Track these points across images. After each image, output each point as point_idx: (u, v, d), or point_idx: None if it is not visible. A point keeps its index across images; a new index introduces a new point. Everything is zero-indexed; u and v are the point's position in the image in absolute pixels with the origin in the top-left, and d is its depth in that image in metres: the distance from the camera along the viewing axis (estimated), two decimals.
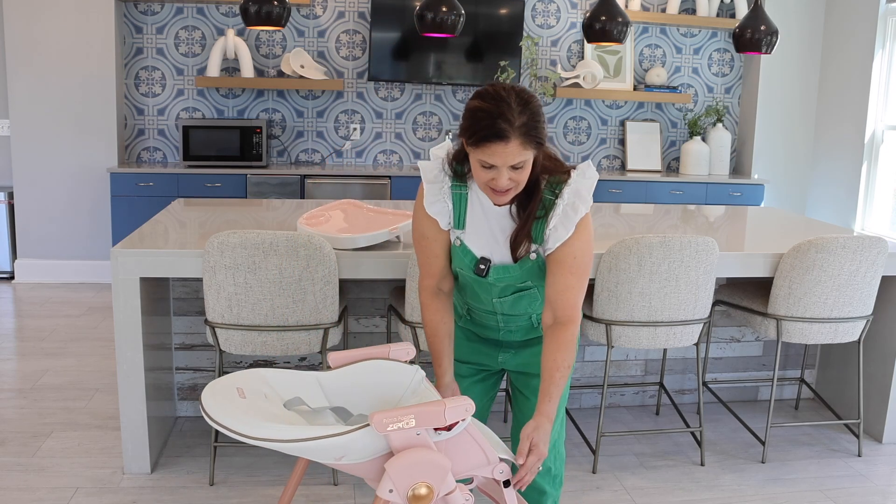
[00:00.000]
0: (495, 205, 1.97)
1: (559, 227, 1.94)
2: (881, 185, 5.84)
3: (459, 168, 2.01)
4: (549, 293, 1.97)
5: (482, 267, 2.02)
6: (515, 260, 2.00)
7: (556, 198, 1.95)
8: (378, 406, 1.95)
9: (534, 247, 1.99)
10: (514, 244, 1.99)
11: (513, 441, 2.27)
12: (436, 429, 1.67)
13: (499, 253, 2.02)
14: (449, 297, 2.15)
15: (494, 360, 2.24)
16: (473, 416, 2.24)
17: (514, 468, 1.93)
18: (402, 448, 1.65)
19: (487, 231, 2.02)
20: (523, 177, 1.87)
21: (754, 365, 3.91)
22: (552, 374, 1.91)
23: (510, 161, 1.82)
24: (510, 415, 3.63)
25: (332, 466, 1.73)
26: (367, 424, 1.61)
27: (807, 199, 6.56)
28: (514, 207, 1.99)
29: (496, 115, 1.80)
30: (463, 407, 1.65)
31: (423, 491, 1.65)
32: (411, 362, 2.03)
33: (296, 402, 1.84)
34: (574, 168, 1.98)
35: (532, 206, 1.96)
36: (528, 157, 1.84)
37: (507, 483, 1.82)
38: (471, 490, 1.81)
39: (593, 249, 2.00)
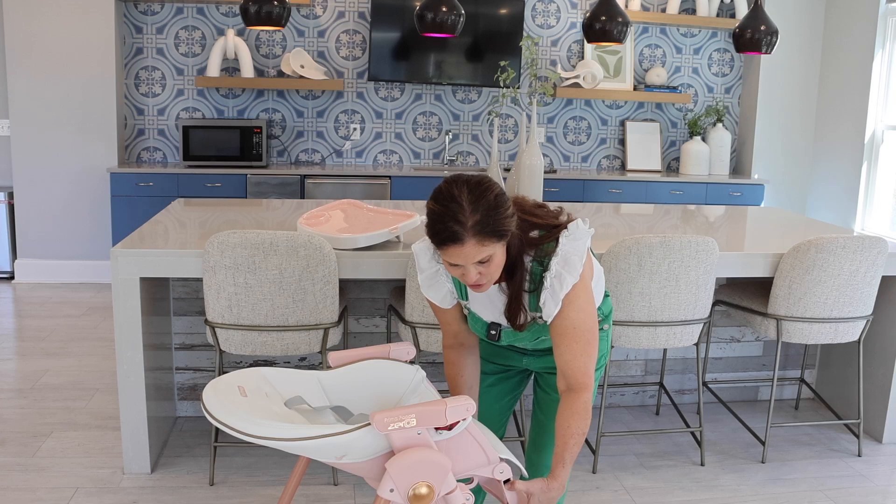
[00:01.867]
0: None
1: (548, 303, 1.91)
2: (881, 185, 5.84)
3: None
4: (558, 362, 1.94)
5: (493, 332, 2.05)
6: (518, 329, 2.00)
7: (545, 270, 1.91)
8: (378, 406, 1.95)
9: (537, 314, 1.98)
10: (509, 317, 1.98)
11: (529, 442, 2.28)
12: (437, 428, 1.68)
13: (505, 321, 2.03)
14: (472, 349, 2.17)
15: (519, 363, 2.26)
16: (496, 412, 2.25)
17: (521, 476, 1.94)
18: (403, 447, 1.65)
19: (489, 303, 2.03)
20: (493, 268, 1.84)
21: (754, 365, 3.91)
22: (566, 441, 1.88)
23: (471, 260, 1.79)
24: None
25: (333, 465, 1.73)
26: (369, 424, 1.61)
27: (807, 199, 6.56)
28: (503, 284, 1.98)
29: (447, 218, 1.76)
30: (464, 406, 1.65)
31: (423, 490, 1.65)
32: (411, 362, 2.03)
33: (297, 401, 1.84)
34: (565, 227, 1.93)
35: (516, 284, 1.93)
36: (490, 251, 1.80)
37: (507, 481, 1.83)
38: (472, 490, 1.81)
39: (594, 312, 1.95)
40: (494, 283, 1.97)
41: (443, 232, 1.77)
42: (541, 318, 1.97)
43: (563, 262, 1.89)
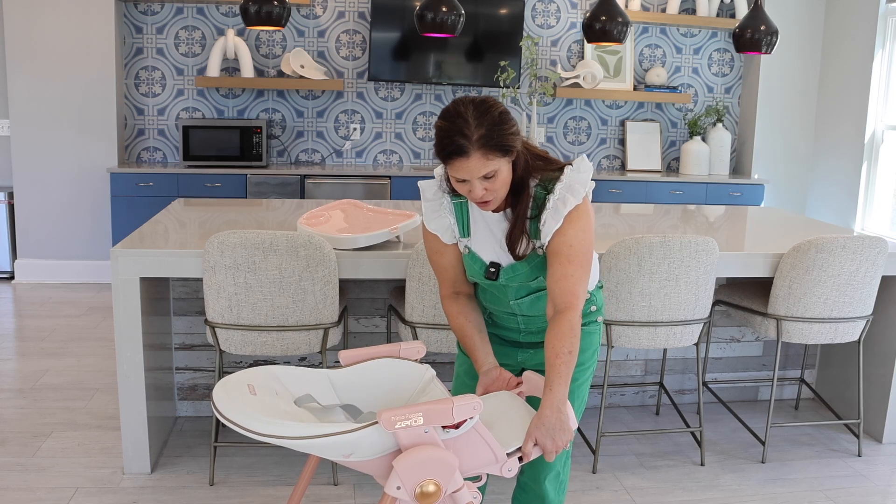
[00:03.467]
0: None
1: (549, 221, 1.96)
2: (881, 185, 5.84)
3: None
4: (549, 283, 1.97)
5: (492, 270, 2.06)
6: (517, 258, 2.02)
7: (549, 193, 1.98)
8: (388, 404, 1.96)
9: (538, 243, 2.01)
10: (510, 243, 2.02)
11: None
12: (444, 427, 1.68)
13: (505, 256, 2.05)
14: (469, 298, 2.18)
15: (514, 360, 2.25)
16: None
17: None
18: (411, 445, 1.66)
19: (491, 237, 2.06)
20: (498, 184, 1.91)
21: (754, 365, 3.91)
22: (553, 362, 1.87)
23: (476, 173, 1.86)
24: None
25: (341, 463, 1.74)
26: (376, 422, 1.62)
27: (807, 199, 6.56)
28: (508, 210, 2.03)
29: (454, 132, 1.85)
30: (471, 405, 1.66)
31: (430, 488, 1.66)
32: (421, 361, 2.04)
33: (306, 400, 1.85)
34: (570, 164, 2.01)
35: (521, 206, 1.99)
36: (495, 166, 1.87)
37: (521, 458, 1.82)
38: (479, 488, 1.82)
39: (592, 240, 2.00)
40: (499, 211, 2.02)
41: (449, 146, 1.85)
42: (541, 248, 2.00)
43: (566, 188, 1.97)
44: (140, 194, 5.48)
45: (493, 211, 2.03)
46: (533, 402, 2.10)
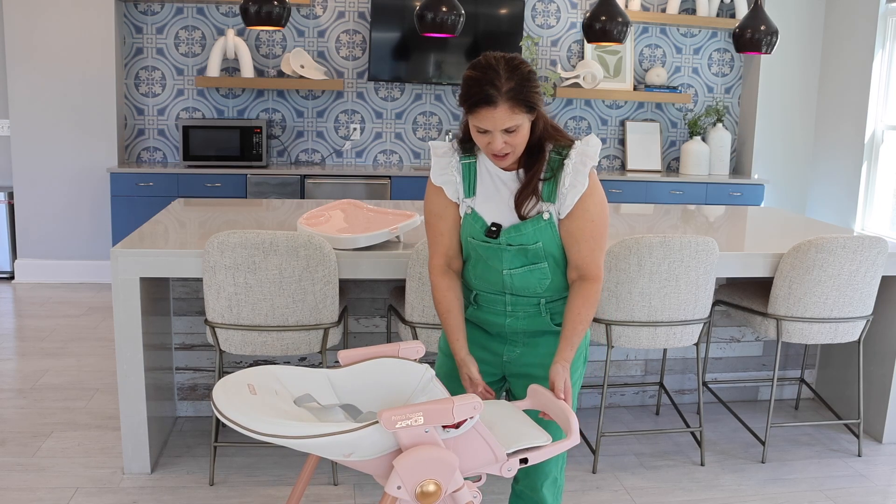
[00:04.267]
0: (503, 169, 2.08)
1: (575, 182, 2.03)
2: (881, 185, 5.85)
3: (467, 144, 2.12)
4: (574, 256, 2.07)
5: (493, 229, 2.08)
6: (522, 217, 2.06)
7: (564, 158, 2.05)
8: (388, 404, 1.96)
9: (545, 206, 2.05)
10: (518, 200, 2.06)
11: None
12: (444, 426, 1.68)
13: (510, 217, 2.08)
14: (458, 275, 2.21)
15: (499, 360, 2.21)
16: None
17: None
18: (411, 445, 1.66)
19: (497, 196, 2.09)
20: (518, 140, 1.97)
21: (754, 365, 3.91)
22: (576, 325, 2.02)
23: (500, 125, 1.93)
24: None
25: (341, 463, 1.74)
26: (376, 422, 1.62)
27: (807, 199, 6.56)
28: (521, 171, 2.08)
29: (484, 83, 1.91)
30: (471, 405, 1.66)
31: (431, 488, 1.66)
32: (420, 361, 2.04)
33: (306, 399, 1.85)
34: (579, 139, 2.09)
35: (537, 165, 2.05)
36: (519, 121, 1.94)
37: (524, 461, 1.82)
38: (479, 488, 1.82)
39: (607, 211, 2.09)
40: (511, 170, 2.08)
41: (478, 94, 1.91)
42: (548, 213, 2.05)
43: (581, 154, 2.05)
44: (140, 194, 5.48)
45: (506, 169, 2.08)
46: (533, 414, 2.10)
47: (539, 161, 2.05)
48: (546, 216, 2.05)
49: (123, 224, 5.48)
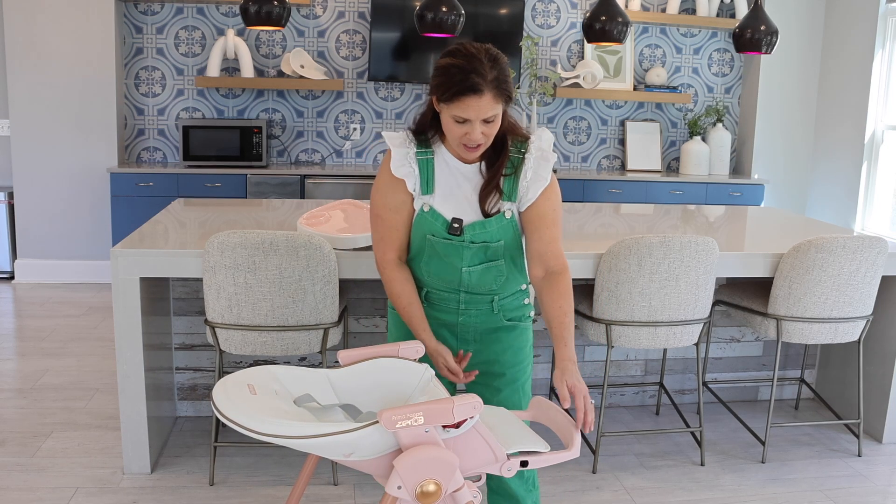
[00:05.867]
0: (465, 162, 2.06)
1: (538, 178, 2.04)
2: (881, 185, 5.85)
3: (422, 136, 2.08)
4: (537, 247, 2.05)
5: (455, 226, 2.05)
6: (486, 215, 2.05)
7: (524, 154, 2.05)
8: (387, 403, 1.96)
9: (507, 204, 2.05)
10: (483, 196, 2.05)
11: None
12: (444, 426, 1.68)
13: (471, 213, 2.06)
14: (408, 267, 2.19)
15: (451, 347, 2.20)
16: None
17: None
18: (411, 445, 1.66)
19: (458, 191, 2.07)
20: (493, 130, 1.97)
21: (754, 365, 3.91)
22: (562, 320, 1.98)
23: (483, 114, 1.91)
24: None
25: (341, 463, 1.74)
26: (376, 421, 1.62)
27: (807, 199, 6.56)
28: (482, 165, 2.07)
29: (469, 70, 1.89)
30: (471, 405, 1.66)
31: (431, 488, 1.66)
32: (420, 360, 2.04)
33: (306, 399, 1.85)
34: (531, 133, 2.11)
35: (501, 160, 2.05)
36: (499, 110, 1.94)
37: (524, 463, 1.82)
38: (479, 488, 1.82)
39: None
40: (473, 164, 2.07)
41: (464, 82, 1.88)
42: (509, 210, 2.06)
43: (539, 150, 2.07)
44: (140, 194, 5.48)
45: (467, 163, 2.06)
46: (535, 426, 2.10)
47: (502, 156, 2.05)
48: (508, 214, 2.06)
49: (123, 224, 5.48)
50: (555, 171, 2.14)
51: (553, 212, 2.05)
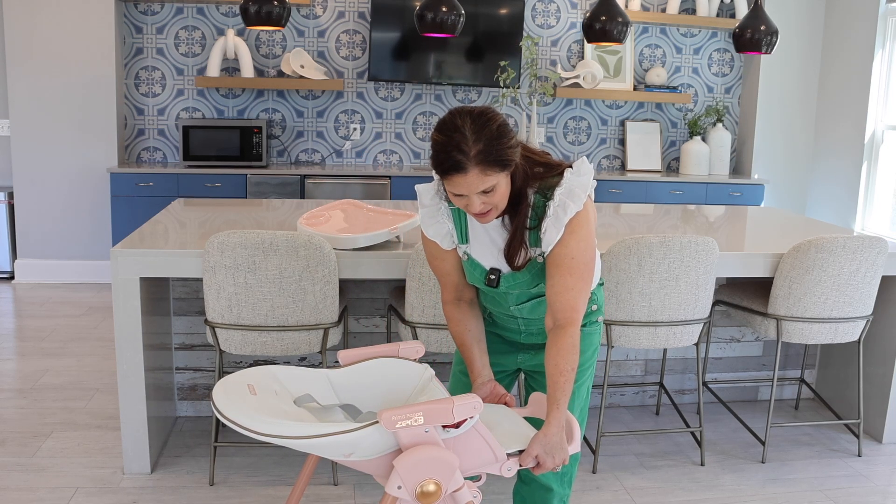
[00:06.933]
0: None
1: (549, 230, 1.92)
2: (881, 185, 5.85)
3: None
4: (549, 295, 1.94)
5: (492, 277, 2.03)
6: (516, 269, 1.99)
7: (548, 200, 1.92)
8: (387, 403, 1.96)
9: (538, 251, 1.97)
10: (508, 255, 1.98)
11: None
12: (444, 426, 1.68)
13: (505, 264, 2.02)
14: (472, 304, 2.16)
15: (513, 361, 2.24)
16: None
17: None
18: (411, 445, 1.66)
19: (490, 243, 2.02)
20: (498, 198, 1.85)
21: (754, 365, 3.91)
22: (556, 379, 1.86)
23: (474, 189, 1.81)
24: None
25: (341, 463, 1.74)
26: (376, 422, 1.62)
27: (807, 199, 6.56)
28: (505, 218, 1.98)
29: (450, 147, 1.77)
30: (471, 405, 1.66)
31: (431, 488, 1.66)
32: (421, 361, 2.04)
33: (306, 399, 1.85)
34: (570, 166, 1.95)
35: (519, 218, 1.94)
36: (494, 181, 1.81)
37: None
38: (479, 487, 1.82)
39: (594, 248, 1.97)
40: (497, 217, 1.96)
41: (446, 161, 1.78)
42: (540, 255, 1.96)
43: (567, 193, 1.90)
44: (140, 194, 5.48)
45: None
46: (536, 423, 2.09)
47: (521, 211, 1.93)
48: (539, 259, 1.97)
49: (123, 224, 5.48)
50: (589, 197, 1.96)
51: (570, 259, 1.90)
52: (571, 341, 1.89)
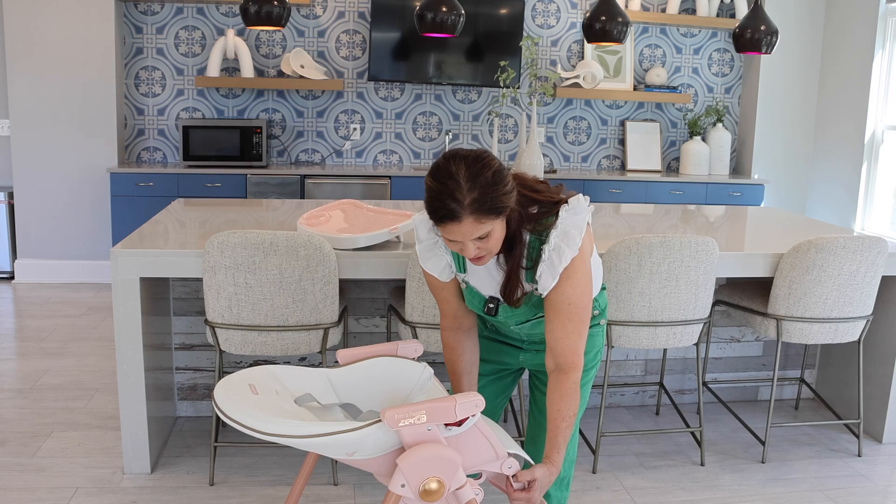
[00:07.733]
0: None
1: (545, 275, 1.90)
2: (881, 185, 5.85)
3: None
4: (548, 339, 1.93)
5: (491, 306, 2.03)
6: (514, 305, 1.98)
7: (543, 243, 1.89)
8: (387, 403, 1.96)
9: (535, 285, 1.96)
10: (505, 296, 1.97)
11: (527, 440, 2.29)
12: (446, 424, 1.68)
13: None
14: (470, 332, 2.15)
15: (515, 360, 2.25)
16: (487, 412, 2.26)
17: (526, 464, 1.94)
18: (414, 443, 1.66)
19: (487, 276, 2.02)
20: (492, 243, 1.83)
21: (754, 365, 3.91)
22: (558, 424, 1.88)
23: (469, 237, 1.79)
24: (508, 415, 3.64)
25: (343, 462, 1.75)
26: (379, 420, 1.63)
27: (807, 199, 6.56)
28: (500, 257, 1.96)
29: (445, 196, 1.75)
30: (473, 403, 1.67)
31: (434, 486, 1.67)
32: (419, 359, 2.04)
33: (306, 399, 1.85)
34: (566, 201, 1.92)
35: (514, 259, 1.92)
36: (488, 228, 1.79)
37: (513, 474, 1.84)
38: (480, 485, 1.83)
39: (591, 288, 1.94)
40: (494, 256, 1.95)
41: (440, 210, 1.76)
42: (537, 290, 1.95)
43: (562, 236, 1.88)
44: (140, 194, 5.48)
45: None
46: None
47: (517, 253, 1.91)
48: (537, 292, 1.96)
49: (123, 224, 5.48)
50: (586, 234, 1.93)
51: (567, 305, 1.89)
52: (574, 387, 1.91)
